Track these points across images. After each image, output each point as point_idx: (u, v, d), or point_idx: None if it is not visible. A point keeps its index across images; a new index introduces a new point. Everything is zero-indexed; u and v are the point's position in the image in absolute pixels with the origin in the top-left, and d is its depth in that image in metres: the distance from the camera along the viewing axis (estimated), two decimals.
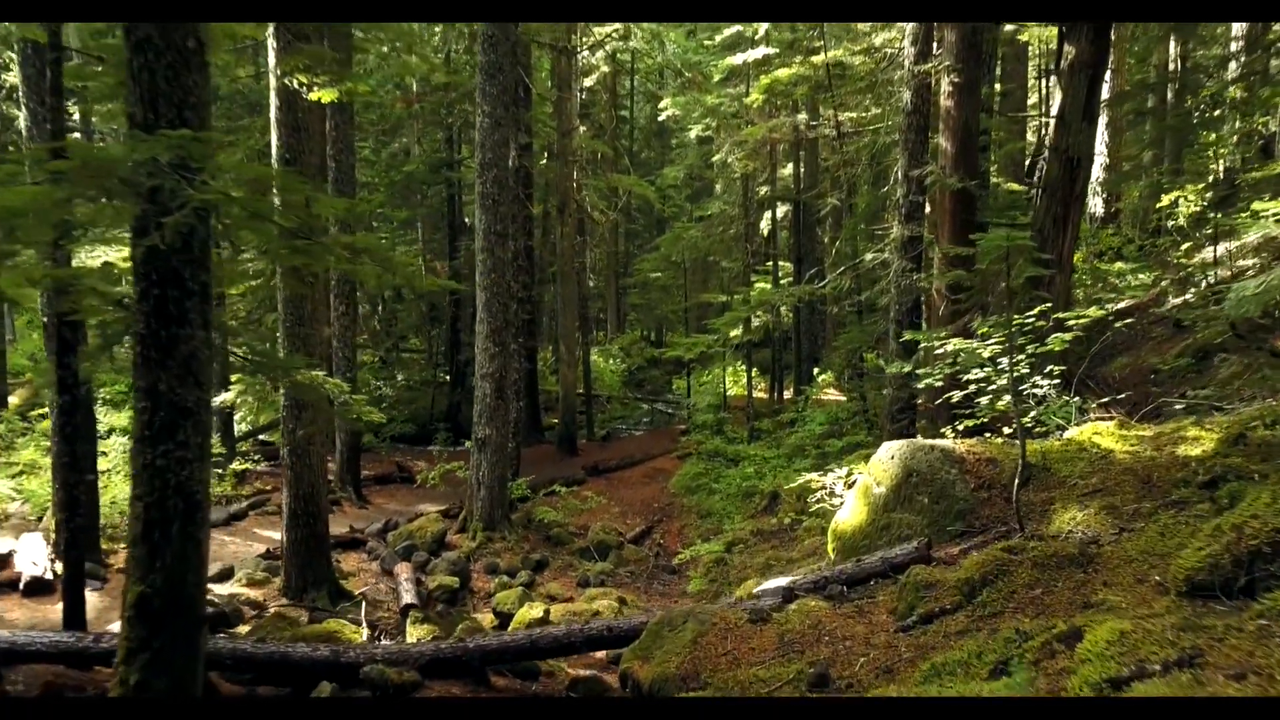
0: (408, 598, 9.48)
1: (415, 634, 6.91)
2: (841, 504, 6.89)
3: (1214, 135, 15.49)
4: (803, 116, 19.69)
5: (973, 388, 6.40)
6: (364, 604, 9.24)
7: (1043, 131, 19.45)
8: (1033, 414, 6.49)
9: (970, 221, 9.55)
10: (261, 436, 18.62)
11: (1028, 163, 18.55)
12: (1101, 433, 5.98)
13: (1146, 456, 5.36)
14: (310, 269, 4.63)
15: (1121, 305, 13.21)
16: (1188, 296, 11.97)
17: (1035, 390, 6.76)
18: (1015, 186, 16.18)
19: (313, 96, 7.45)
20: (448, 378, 22.54)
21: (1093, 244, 17.20)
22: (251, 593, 8.75)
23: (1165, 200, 16.29)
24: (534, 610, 7.90)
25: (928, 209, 10.64)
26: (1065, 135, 9.12)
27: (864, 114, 18.20)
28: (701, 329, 32.83)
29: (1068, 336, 5.78)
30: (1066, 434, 6.23)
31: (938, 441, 5.99)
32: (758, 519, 12.77)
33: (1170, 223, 16.70)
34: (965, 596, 4.24)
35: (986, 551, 4.38)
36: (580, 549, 12.05)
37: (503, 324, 11.48)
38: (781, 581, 6.29)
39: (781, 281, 25.58)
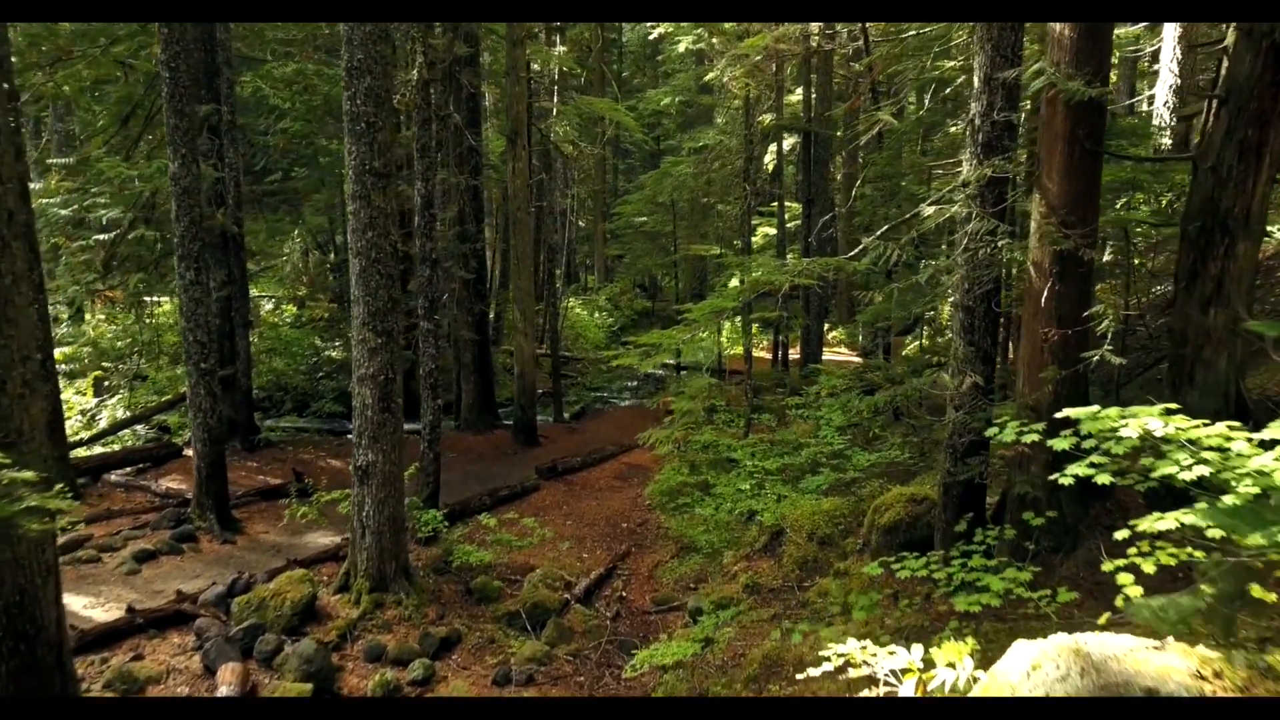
0: None
1: None
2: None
3: None
4: (815, 25, 15.87)
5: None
6: None
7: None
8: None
9: (1094, 153, 5.96)
10: (155, 421, 15.29)
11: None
12: None
13: None
14: None
15: None
16: None
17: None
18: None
19: None
20: None
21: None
22: None
23: None
24: None
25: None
26: None
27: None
28: (699, 282, 29.11)
29: None
30: None
31: (1145, 662, 2.57)
32: (753, 562, 9.47)
33: None
34: None
35: None
36: (509, 613, 8.73)
37: (387, 304, 7.93)
38: None
39: (789, 225, 21.85)
